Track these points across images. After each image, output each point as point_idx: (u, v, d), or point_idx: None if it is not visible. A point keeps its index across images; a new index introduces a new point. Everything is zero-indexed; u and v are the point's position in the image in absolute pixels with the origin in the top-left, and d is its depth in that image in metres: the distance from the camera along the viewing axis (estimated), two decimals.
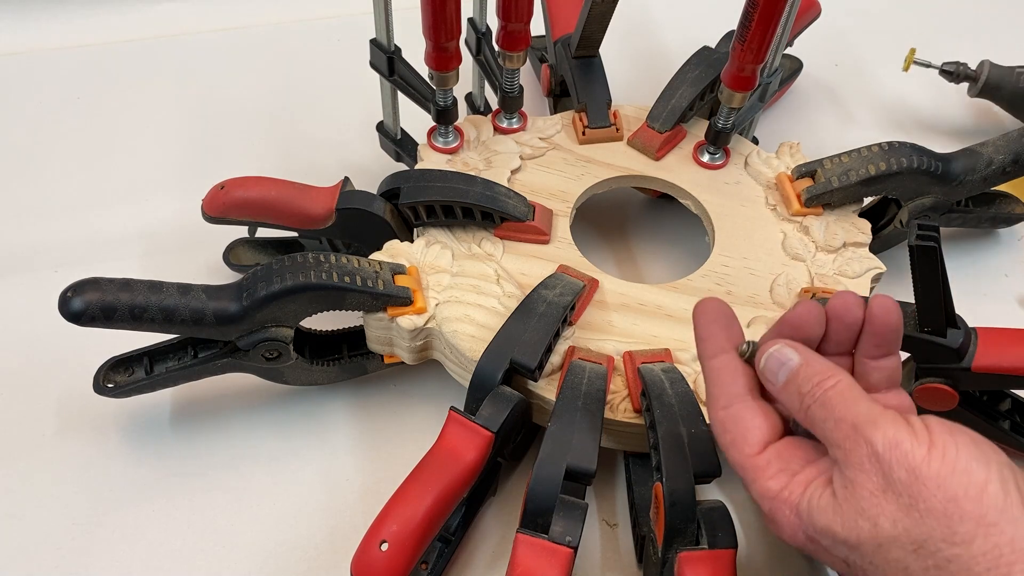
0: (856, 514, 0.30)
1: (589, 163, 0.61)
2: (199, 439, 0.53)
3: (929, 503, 0.28)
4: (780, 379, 0.34)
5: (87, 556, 0.48)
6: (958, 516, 0.28)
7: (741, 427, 0.35)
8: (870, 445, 0.30)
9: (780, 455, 0.35)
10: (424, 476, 0.43)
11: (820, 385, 0.33)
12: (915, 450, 0.29)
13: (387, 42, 0.58)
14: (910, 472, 0.29)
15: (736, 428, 0.35)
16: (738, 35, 0.52)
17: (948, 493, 0.28)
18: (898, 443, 0.29)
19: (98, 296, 0.43)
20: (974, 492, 0.28)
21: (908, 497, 0.29)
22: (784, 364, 0.34)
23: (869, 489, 0.30)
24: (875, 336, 0.36)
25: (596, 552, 0.49)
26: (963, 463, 0.29)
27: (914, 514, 0.29)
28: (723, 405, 0.36)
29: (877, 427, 0.30)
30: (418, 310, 0.49)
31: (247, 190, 0.55)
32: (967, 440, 0.30)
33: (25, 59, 0.79)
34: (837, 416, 0.32)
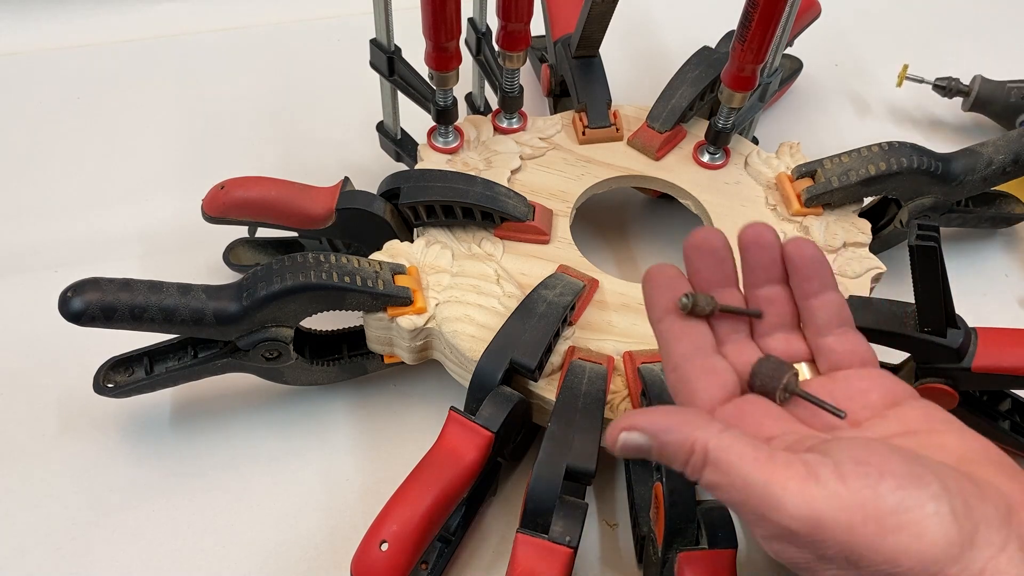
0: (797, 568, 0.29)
1: (589, 163, 0.61)
2: (199, 439, 0.53)
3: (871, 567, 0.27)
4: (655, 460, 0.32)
5: (87, 556, 0.48)
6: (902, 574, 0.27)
7: (688, 388, 0.34)
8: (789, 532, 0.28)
9: (730, 419, 0.33)
10: (424, 476, 0.43)
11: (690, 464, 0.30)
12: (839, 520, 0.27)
13: (387, 42, 0.58)
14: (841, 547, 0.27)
15: (684, 390, 0.34)
16: (738, 35, 0.52)
17: (886, 556, 0.27)
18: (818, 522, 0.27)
19: (98, 296, 0.44)
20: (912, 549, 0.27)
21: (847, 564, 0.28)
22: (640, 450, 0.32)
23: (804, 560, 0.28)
24: (799, 272, 0.35)
25: (596, 552, 0.49)
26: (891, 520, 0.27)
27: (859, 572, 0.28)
28: (671, 367, 0.35)
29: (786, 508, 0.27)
30: (418, 310, 0.49)
31: (247, 190, 0.55)
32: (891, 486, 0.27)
33: (25, 59, 0.79)
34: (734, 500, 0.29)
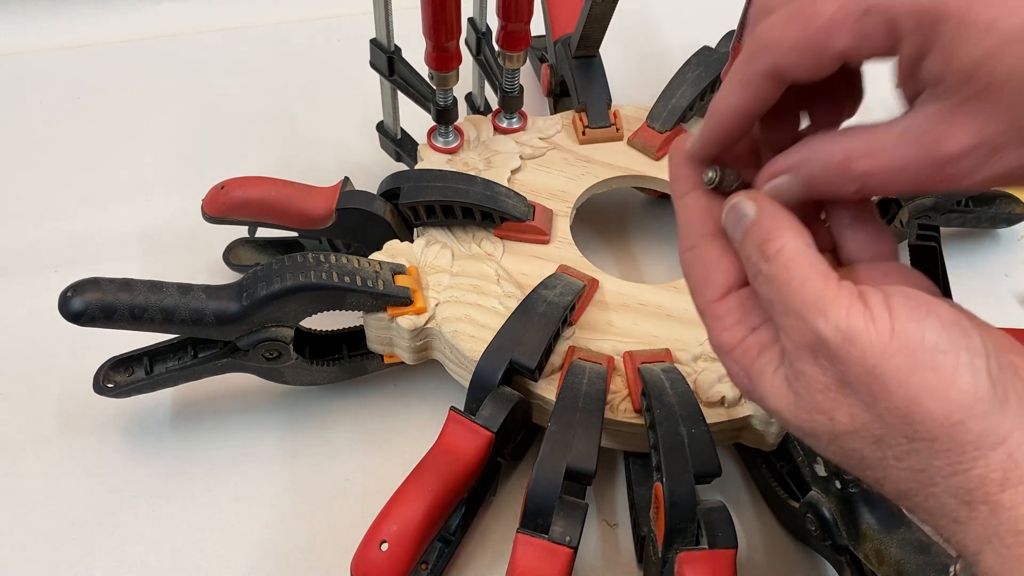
0: (810, 407, 0.28)
1: (589, 163, 0.61)
2: (199, 439, 0.53)
3: (890, 402, 0.26)
4: (738, 236, 0.30)
5: (87, 556, 0.48)
6: (920, 416, 0.26)
7: (703, 269, 0.32)
8: (821, 341, 0.27)
9: (742, 304, 0.31)
10: (424, 476, 0.43)
11: (763, 250, 0.28)
12: (872, 345, 0.26)
13: (387, 42, 0.58)
14: (867, 371, 0.26)
15: (699, 270, 0.32)
16: (738, 35, 0.53)
17: (910, 392, 0.25)
18: (852, 338, 0.26)
19: (98, 296, 0.43)
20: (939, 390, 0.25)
21: (867, 395, 0.26)
22: (741, 219, 0.30)
23: (823, 383, 0.27)
24: None
25: (596, 552, 0.49)
26: (927, 356, 0.26)
27: (873, 411, 0.26)
28: (688, 246, 0.32)
29: (827, 316, 0.26)
30: (418, 310, 0.49)
31: (247, 190, 0.55)
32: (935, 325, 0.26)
33: (25, 59, 0.79)
34: (782, 298, 0.28)
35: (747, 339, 0.30)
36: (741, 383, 0.31)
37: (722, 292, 0.31)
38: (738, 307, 0.31)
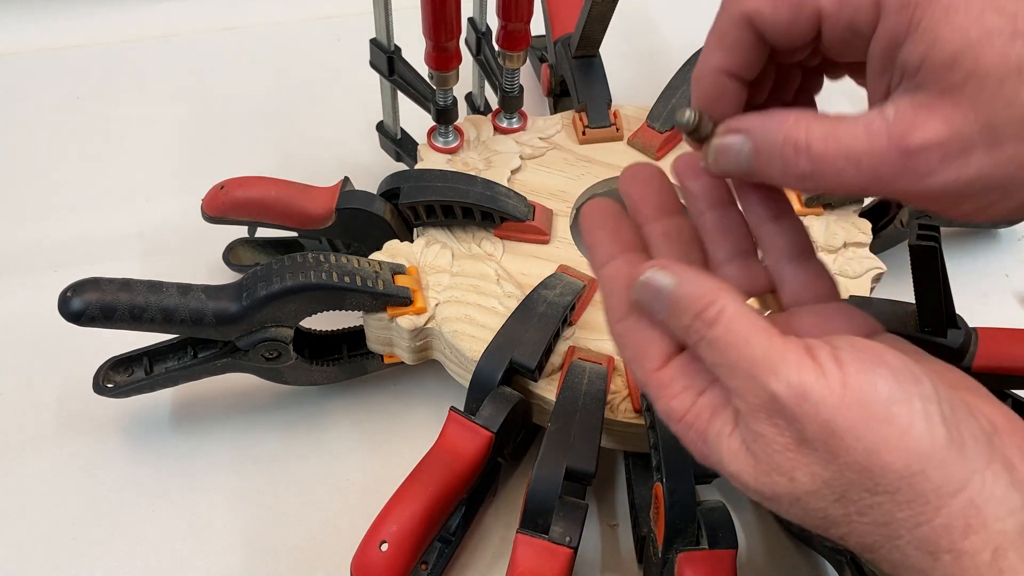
0: (770, 469, 0.27)
1: (589, 163, 0.61)
2: (199, 439, 0.53)
3: (849, 456, 0.25)
4: (661, 311, 0.29)
5: (87, 556, 0.48)
6: (879, 469, 0.25)
7: (638, 341, 0.30)
8: (774, 400, 0.26)
9: (684, 369, 0.29)
10: (424, 476, 0.43)
11: (701, 317, 0.27)
12: (826, 399, 0.25)
13: (387, 42, 0.58)
14: (824, 427, 0.25)
15: (633, 342, 0.30)
16: None
17: (868, 445, 0.25)
18: (805, 393, 0.25)
19: (98, 296, 0.43)
20: (896, 441, 0.25)
21: (826, 452, 0.26)
22: (659, 292, 0.28)
23: (781, 443, 0.26)
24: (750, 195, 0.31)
25: (596, 552, 0.49)
26: (881, 408, 0.25)
27: (833, 467, 0.26)
28: (617, 318, 0.31)
29: (778, 374, 0.26)
30: (418, 310, 0.49)
31: (247, 190, 0.55)
32: (886, 375, 0.26)
33: (25, 59, 0.79)
34: (729, 361, 0.27)
35: (697, 403, 0.29)
36: (697, 449, 0.30)
37: (662, 361, 0.30)
38: (681, 373, 0.30)
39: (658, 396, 0.30)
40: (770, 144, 0.28)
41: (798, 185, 0.28)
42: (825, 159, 0.27)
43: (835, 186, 0.27)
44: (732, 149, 0.29)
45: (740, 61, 0.29)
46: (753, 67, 0.30)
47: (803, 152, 0.27)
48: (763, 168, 0.28)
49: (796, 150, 0.27)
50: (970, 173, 0.25)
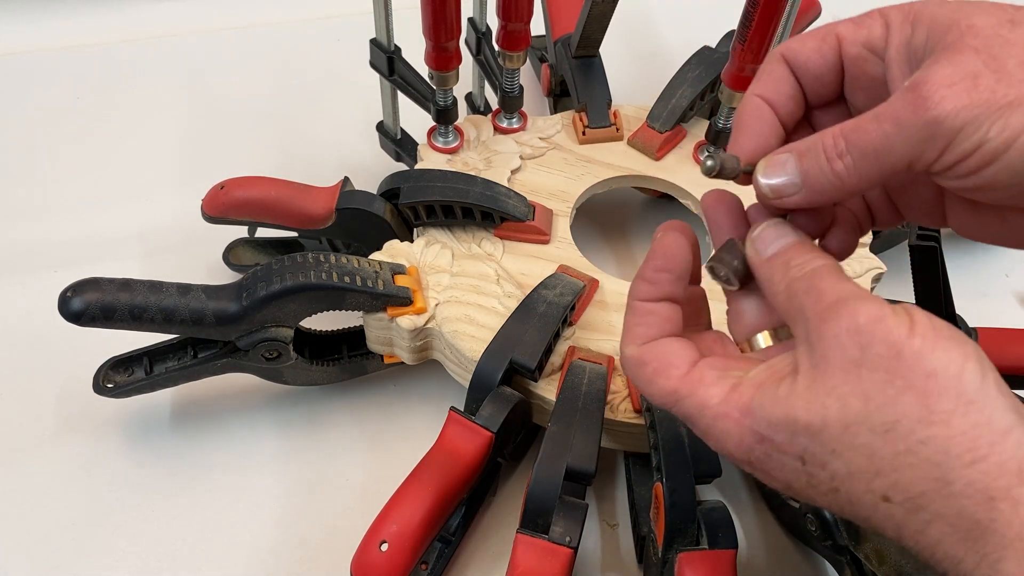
0: (824, 392, 0.27)
1: (589, 163, 0.61)
2: (199, 439, 0.53)
3: (908, 378, 0.26)
4: (770, 250, 0.31)
5: (87, 556, 0.48)
6: (937, 392, 0.26)
7: (663, 353, 0.32)
8: (852, 317, 0.27)
9: (713, 366, 0.31)
10: (424, 476, 0.43)
11: (810, 261, 0.30)
12: (898, 327, 0.27)
13: (387, 42, 0.58)
14: (890, 347, 0.26)
15: (659, 357, 0.32)
16: (738, 35, 0.52)
17: (928, 368, 0.26)
18: (881, 318, 0.27)
19: (98, 296, 0.43)
20: (954, 369, 0.26)
21: (885, 372, 0.26)
22: (780, 238, 0.31)
23: (842, 364, 0.27)
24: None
25: (596, 552, 0.49)
26: (943, 343, 0.26)
27: (889, 391, 0.26)
28: (643, 340, 0.33)
29: (861, 302, 0.28)
30: (418, 310, 0.49)
31: (247, 190, 0.55)
32: (944, 325, 0.27)
33: (25, 59, 0.79)
34: (821, 287, 0.29)
35: (742, 384, 0.30)
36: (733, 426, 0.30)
37: (689, 366, 0.32)
38: (711, 368, 0.31)
39: (692, 391, 0.31)
40: (809, 148, 0.30)
41: (843, 186, 0.30)
42: (860, 143, 0.29)
43: (876, 172, 0.29)
44: (778, 162, 0.31)
45: (773, 89, 0.33)
46: (784, 95, 0.33)
47: (840, 142, 0.29)
48: (810, 177, 0.30)
49: (835, 141, 0.29)
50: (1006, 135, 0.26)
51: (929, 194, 0.33)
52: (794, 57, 0.32)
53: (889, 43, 0.30)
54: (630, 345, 0.33)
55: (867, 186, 0.29)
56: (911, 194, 0.34)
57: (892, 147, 0.28)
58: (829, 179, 0.30)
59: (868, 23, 0.31)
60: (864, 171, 0.29)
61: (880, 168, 0.28)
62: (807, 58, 0.32)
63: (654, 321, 0.33)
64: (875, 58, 0.31)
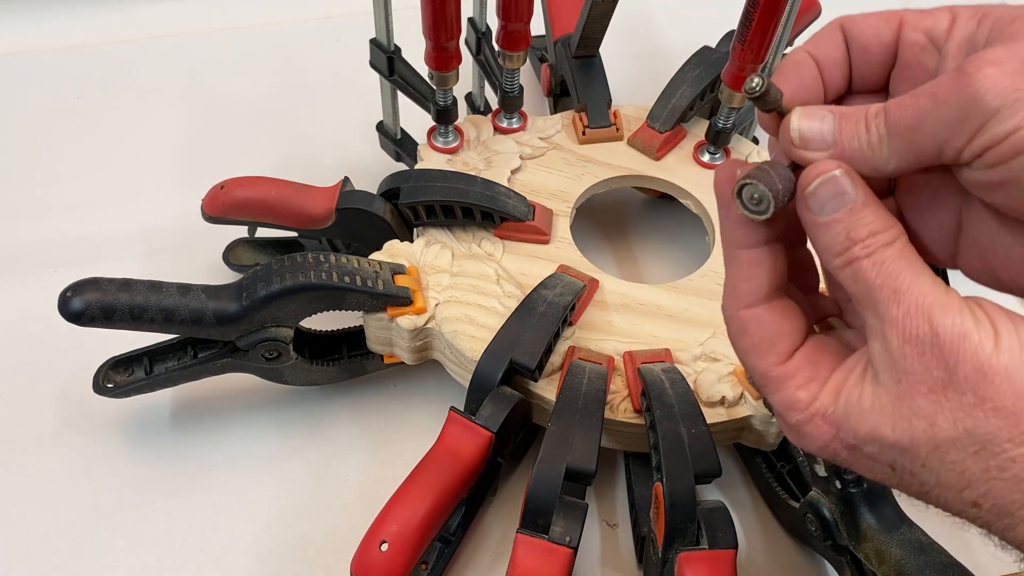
0: (910, 414, 0.27)
1: (589, 163, 0.61)
2: (199, 439, 0.53)
3: (997, 401, 0.25)
4: (826, 213, 0.28)
5: (87, 556, 0.48)
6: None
7: (767, 331, 0.30)
8: (935, 335, 0.26)
9: (808, 360, 0.30)
10: (424, 476, 0.43)
11: (876, 237, 0.27)
12: (983, 344, 0.25)
13: (387, 42, 0.58)
14: (977, 369, 0.25)
15: (760, 332, 0.30)
16: (738, 35, 0.52)
17: (1017, 389, 0.25)
18: (965, 335, 0.25)
19: (98, 296, 0.43)
20: None
21: (973, 396, 0.25)
22: (839, 196, 0.28)
23: (927, 385, 0.26)
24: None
25: (596, 552, 0.49)
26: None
27: (978, 413, 0.26)
28: (746, 304, 0.30)
29: (946, 312, 0.26)
30: (418, 310, 0.49)
31: (247, 190, 0.55)
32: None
33: (25, 59, 0.79)
34: (896, 284, 0.27)
35: (824, 389, 0.29)
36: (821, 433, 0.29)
37: (788, 355, 0.30)
38: (806, 364, 0.30)
39: (781, 387, 0.30)
40: (853, 113, 0.28)
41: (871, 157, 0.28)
42: (895, 117, 0.27)
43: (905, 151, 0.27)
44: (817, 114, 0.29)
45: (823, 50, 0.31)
46: (831, 57, 0.31)
47: (880, 113, 0.28)
48: (844, 136, 0.28)
49: (876, 111, 0.28)
50: None
51: (948, 220, 0.31)
52: (852, 27, 0.30)
53: (952, 36, 0.29)
54: (733, 307, 0.31)
55: (894, 167, 0.28)
56: (927, 216, 0.31)
57: (925, 124, 0.26)
58: (860, 146, 0.28)
59: (935, 14, 0.29)
60: (895, 148, 0.27)
61: (910, 147, 0.27)
62: (864, 31, 0.30)
63: (761, 275, 0.30)
64: (933, 48, 0.29)
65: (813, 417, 0.29)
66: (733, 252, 0.31)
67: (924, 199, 0.31)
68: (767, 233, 0.30)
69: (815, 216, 0.28)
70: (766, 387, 0.31)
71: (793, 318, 0.31)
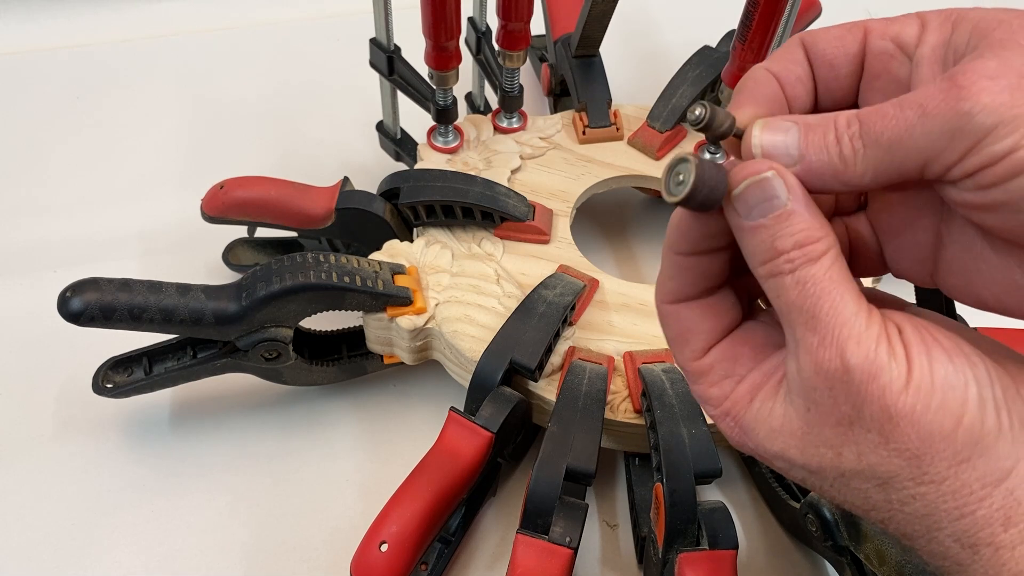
0: (819, 442, 0.27)
1: (589, 163, 0.60)
2: (199, 439, 0.53)
3: (901, 443, 0.25)
4: (752, 218, 0.26)
5: (87, 556, 0.47)
6: (929, 456, 0.25)
7: (683, 327, 0.30)
8: (847, 371, 0.25)
9: (725, 357, 0.30)
10: (424, 476, 0.43)
11: (804, 251, 0.26)
12: (892, 383, 0.25)
13: (387, 41, 0.58)
14: (883, 410, 0.25)
15: (677, 327, 0.30)
16: (739, 34, 0.52)
17: (922, 432, 0.25)
18: (876, 374, 0.25)
19: (97, 296, 0.43)
20: (949, 427, 0.25)
21: (878, 435, 0.25)
22: (767, 201, 0.26)
23: (835, 418, 0.26)
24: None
25: (596, 553, 0.49)
26: (939, 395, 0.25)
27: (882, 452, 0.25)
28: (667, 300, 0.30)
29: (860, 344, 0.25)
30: (418, 310, 0.49)
31: (247, 190, 0.55)
32: (942, 357, 0.25)
33: (25, 59, 0.79)
34: (814, 310, 0.25)
35: (736, 390, 0.29)
36: (733, 435, 0.29)
37: (703, 351, 0.30)
38: (722, 360, 0.30)
39: (697, 382, 0.30)
40: (819, 123, 0.26)
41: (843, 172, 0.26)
42: (875, 128, 0.25)
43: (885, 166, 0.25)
44: (780, 126, 0.27)
45: (784, 67, 0.29)
46: (793, 75, 0.29)
47: (854, 123, 0.26)
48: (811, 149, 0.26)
49: (848, 121, 0.26)
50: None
51: (926, 238, 0.29)
52: (813, 42, 0.29)
53: (923, 41, 0.27)
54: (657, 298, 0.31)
55: (870, 182, 0.26)
56: (904, 234, 0.30)
57: (910, 138, 0.24)
58: (830, 160, 0.26)
59: (902, 20, 0.28)
60: (872, 161, 0.25)
61: (890, 161, 0.25)
62: (827, 44, 0.28)
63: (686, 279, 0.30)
64: (902, 56, 0.27)
65: (725, 415, 0.29)
66: (667, 251, 0.30)
67: (900, 216, 0.29)
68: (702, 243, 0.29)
69: (741, 220, 0.27)
70: (687, 378, 0.31)
71: (714, 315, 0.30)
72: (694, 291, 0.30)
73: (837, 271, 0.26)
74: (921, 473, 0.25)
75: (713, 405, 0.30)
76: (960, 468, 0.25)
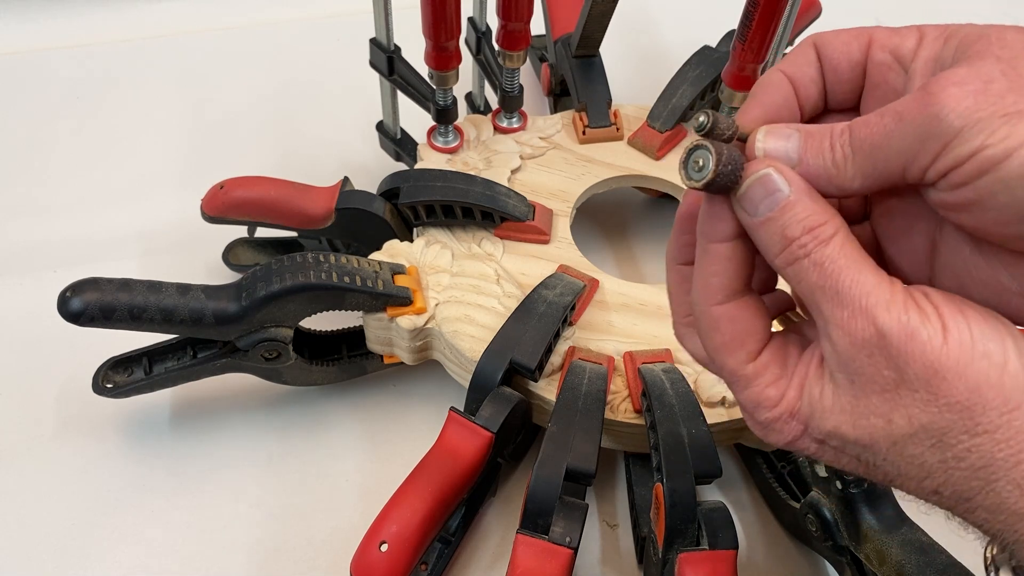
0: (868, 412, 0.27)
1: (589, 163, 0.60)
2: (199, 439, 0.53)
3: (950, 397, 0.26)
4: (760, 213, 0.28)
5: (87, 556, 0.47)
6: (980, 406, 0.25)
7: (738, 328, 0.30)
8: (882, 336, 0.26)
9: (776, 357, 0.30)
10: (424, 476, 0.43)
11: (814, 234, 0.27)
12: (931, 340, 0.25)
13: (387, 41, 0.58)
14: (927, 366, 0.25)
15: (732, 329, 0.30)
16: (739, 34, 0.52)
17: (969, 383, 0.25)
18: (912, 333, 0.25)
19: (97, 296, 0.43)
20: (995, 377, 0.25)
21: (926, 392, 0.26)
22: (771, 195, 0.28)
23: (880, 384, 0.26)
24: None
25: (596, 553, 0.49)
26: (980, 347, 0.25)
27: (932, 409, 0.26)
28: (717, 300, 0.30)
29: (890, 310, 0.26)
30: (418, 310, 0.49)
31: (247, 190, 0.55)
32: (978, 317, 0.26)
33: (25, 59, 0.79)
34: (837, 286, 0.26)
35: (788, 387, 0.30)
36: (791, 430, 0.30)
37: (758, 352, 0.30)
38: (773, 361, 0.30)
39: (751, 385, 0.30)
40: (818, 131, 0.28)
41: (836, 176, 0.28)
42: (860, 136, 0.27)
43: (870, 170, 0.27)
44: (783, 133, 0.29)
45: (798, 69, 0.31)
46: (807, 77, 0.31)
47: (846, 131, 0.27)
48: (809, 155, 0.28)
49: (842, 130, 0.28)
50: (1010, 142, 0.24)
51: (922, 243, 0.30)
52: (824, 45, 0.30)
53: (918, 55, 0.28)
54: (704, 303, 0.30)
55: (859, 186, 0.28)
56: (902, 240, 0.31)
57: (889, 144, 0.26)
58: (825, 165, 0.28)
59: (903, 32, 0.29)
60: (860, 167, 0.27)
61: (874, 166, 0.27)
62: (835, 49, 0.30)
63: (732, 270, 0.30)
64: (899, 68, 0.29)
65: (783, 414, 0.30)
66: (706, 245, 0.30)
67: (898, 223, 0.31)
68: (738, 226, 0.30)
69: (751, 218, 0.28)
70: (735, 384, 0.31)
71: (762, 315, 0.31)
72: (740, 283, 0.30)
73: (851, 248, 0.27)
74: (974, 424, 0.26)
75: (770, 406, 0.30)
76: (1012, 415, 0.25)
